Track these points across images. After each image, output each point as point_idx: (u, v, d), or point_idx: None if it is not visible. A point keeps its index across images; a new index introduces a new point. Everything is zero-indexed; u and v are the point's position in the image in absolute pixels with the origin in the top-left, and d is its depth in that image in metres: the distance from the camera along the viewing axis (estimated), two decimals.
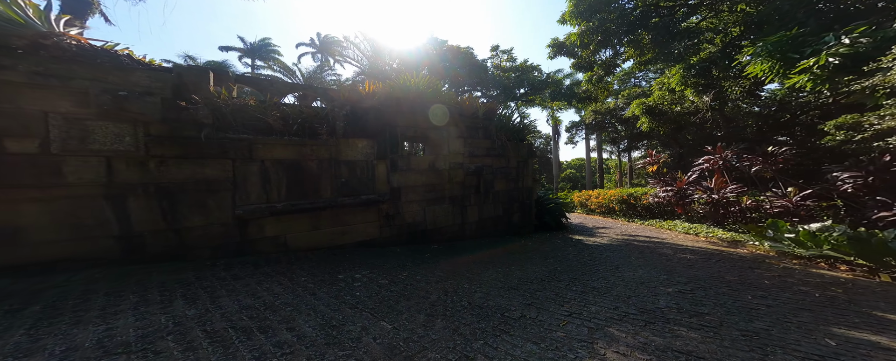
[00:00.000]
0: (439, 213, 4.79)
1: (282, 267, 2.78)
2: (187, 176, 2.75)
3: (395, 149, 4.19)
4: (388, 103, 4.12)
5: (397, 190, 4.21)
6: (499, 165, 5.82)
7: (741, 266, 3.40)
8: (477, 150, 5.41)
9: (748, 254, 4.15)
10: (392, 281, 2.55)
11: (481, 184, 5.40)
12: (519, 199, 6.35)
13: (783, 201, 6.18)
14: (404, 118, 4.41)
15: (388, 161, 4.04)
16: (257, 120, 2.96)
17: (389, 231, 4.10)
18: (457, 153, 5.06)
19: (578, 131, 21.54)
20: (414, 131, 4.52)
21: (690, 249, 4.49)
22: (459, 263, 3.38)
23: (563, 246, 4.71)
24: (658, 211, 8.65)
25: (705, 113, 8.43)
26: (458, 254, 3.87)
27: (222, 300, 1.98)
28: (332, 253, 3.39)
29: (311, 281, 2.46)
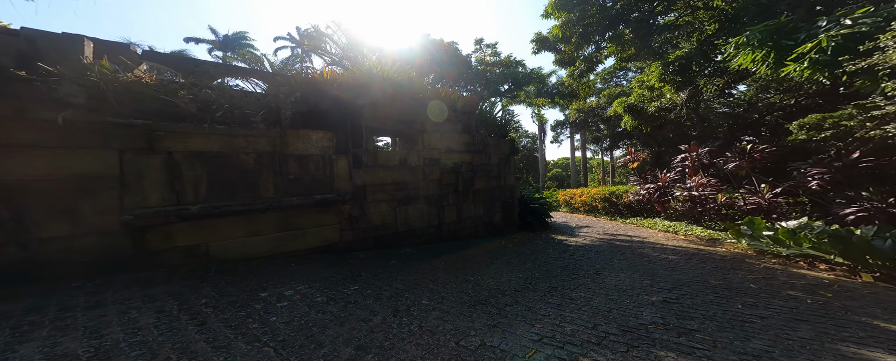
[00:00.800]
0: (413, 214, 4.40)
1: (188, 284, 2.28)
2: (41, 172, 2.12)
3: (360, 144, 3.76)
4: (351, 92, 3.66)
5: (362, 188, 3.79)
6: (479, 162, 5.50)
7: (723, 266, 3.27)
8: (455, 146, 5.05)
9: (727, 253, 4.07)
10: (331, 299, 2.14)
11: (460, 182, 5.07)
12: (501, 198, 6.07)
13: (756, 198, 6.28)
14: (372, 110, 3.97)
15: (350, 156, 3.60)
16: (163, 102, 2.40)
17: (353, 234, 3.68)
18: (433, 149, 4.68)
19: (563, 130, 21.78)
20: (382, 124, 4.09)
21: (671, 249, 4.37)
22: (427, 270, 3.02)
23: (545, 248, 4.46)
24: (639, 209, 8.69)
25: (681, 110, 8.56)
26: (430, 259, 3.52)
27: (27, 347, 1.40)
28: (276, 262, 2.92)
29: (214, 303, 1.96)
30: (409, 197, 4.35)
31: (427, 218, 4.59)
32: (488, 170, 5.64)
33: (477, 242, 4.87)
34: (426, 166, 4.54)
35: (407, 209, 4.31)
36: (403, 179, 4.26)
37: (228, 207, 2.65)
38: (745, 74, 9.33)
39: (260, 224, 2.91)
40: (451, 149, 4.95)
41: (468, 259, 3.63)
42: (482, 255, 3.84)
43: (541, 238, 5.60)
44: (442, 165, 4.77)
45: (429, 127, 4.65)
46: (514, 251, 4.20)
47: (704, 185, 6.64)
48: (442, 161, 4.78)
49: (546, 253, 4.05)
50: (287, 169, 3.04)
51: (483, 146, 5.54)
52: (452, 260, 3.51)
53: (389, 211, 4.09)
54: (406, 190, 4.30)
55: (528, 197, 7.86)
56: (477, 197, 5.43)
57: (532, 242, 5.07)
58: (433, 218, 4.67)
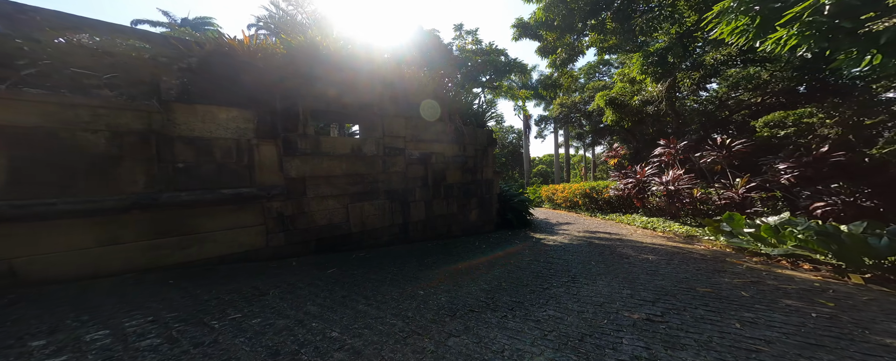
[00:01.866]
0: (371, 212, 3.82)
1: None
2: None
3: (295, 127, 3.09)
4: (282, 64, 2.99)
5: (298, 181, 3.14)
6: (452, 153, 4.98)
7: (706, 268, 3.01)
8: (424, 134, 4.49)
9: (707, 252, 3.87)
10: (173, 343, 1.46)
11: (430, 176, 4.53)
12: (477, 194, 5.63)
13: (730, 193, 6.27)
14: (315, 88, 3.31)
15: (280, 141, 2.93)
16: None
17: (286, 237, 3.04)
18: (396, 136, 4.09)
19: (547, 125, 21.80)
20: (329, 106, 3.44)
21: (650, 247, 4.13)
22: (369, 282, 2.50)
23: (521, 249, 4.07)
24: (618, 205, 8.62)
25: (660, 103, 8.52)
26: (381, 266, 3.00)
27: None
28: (145, 280, 2.24)
29: None
30: (366, 192, 3.76)
31: (389, 217, 4.02)
32: (463, 162, 5.14)
33: (447, 243, 4.40)
34: (387, 156, 3.95)
35: (363, 206, 3.72)
36: (358, 171, 3.65)
37: (51, 207, 1.89)
38: (719, 70, 9.46)
39: (121, 228, 2.18)
40: (418, 138, 4.39)
41: (429, 264, 3.14)
42: (447, 260, 3.37)
43: (519, 237, 5.23)
44: (408, 156, 4.20)
45: (390, 111, 4.05)
46: (485, 253, 3.77)
47: (680, 179, 6.56)
48: (408, 151, 4.21)
49: (520, 256, 3.66)
50: (174, 155, 2.33)
51: (457, 135, 5.03)
52: (409, 267, 3.01)
53: (339, 208, 3.48)
54: (362, 183, 3.70)
55: (508, 194, 7.50)
56: (450, 192, 4.93)
57: (509, 242, 4.68)
58: (397, 216, 4.12)
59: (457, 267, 3.03)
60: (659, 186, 6.60)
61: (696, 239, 4.75)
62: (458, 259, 3.44)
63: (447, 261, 3.29)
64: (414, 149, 4.27)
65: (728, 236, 3.72)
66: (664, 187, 6.47)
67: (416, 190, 4.34)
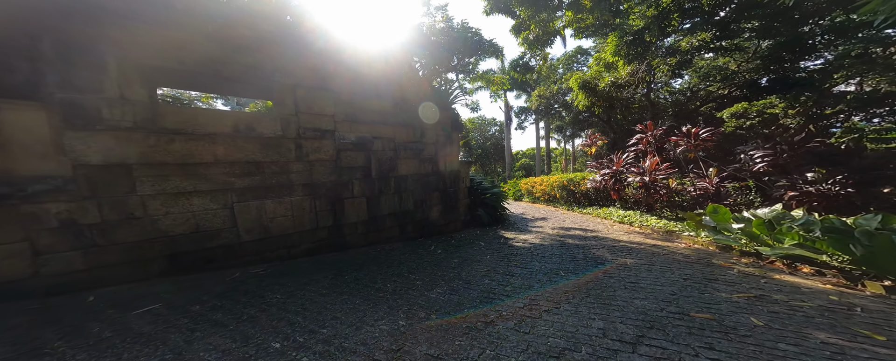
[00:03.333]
0: (278, 213, 2.90)
1: None
2: None
3: (95, 85, 2.04)
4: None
5: (110, 170, 2.12)
6: (406, 139, 4.14)
7: (693, 277, 2.47)
8: (364, 115, 3.60)
9: (689, 251, 3.40)
10: None
11: (374, 166, 3.68)
12: (440, 187, 4.85)
13: (704, 183, 6.01)
14: (152, 33, 2.23)
15: (55, 106, 1.92)
16: None
17: (86, 258, 2.04)
18: (319, 115, 3.18)
19: (528, 117, 21.45)
20: (181, 62, 2.39)
21: (628, 247, 3.61)
22: (191, 331, 1.63)
23: (482, 254, 3.38)
24: (596, 197, 8.28)
25: (635, 86, 8.19)
26: (255, 294, 2.14)
27: None
28: None
29: None
30: (269, 186, 2.84)
31: (310, 218, 3.13)
32: (419, 149, 4.32)
33: (392, 249, 3.62)
34: (305, 139, 3.03)
35: (262, 205, 2.79)
36: (251, 157, 2.71)
37: None
38: (693, 55, 9.33)
39: None
40: (354, 119, 3.50)
41: (343, 284, 2.33)
42: (375, 274, 2.59)
43: (486, 237, 4.57)
44: (339, 140, 3.32)
45: (309, 82, 3.12)
46: (434, 262, 3.03)
47: (656, 169, 6.22)
48: (340, 134, 3.33)
49: (477, 265, 2.96)
50: None
51: (409, 118, 4.19)
52: (308, 290, 2.20)
53: (216, 209, 2.53)
54: (259, 174, 2.77)
55: (481, 187, 6.82)
56: (403, 185, 4.12)
57: (472, 244, 3.99)
58: (324, 216, 3.25)
59: (380, 289, 2.26)
60: (635, 177, 6.22)
61: (675, 235, 4.34)
62: (393, 272, 2.67)
63: (374, 277, 2.51)
64: (348, 131, 3.38)
65: (711, 232, 3.28)
66: (640, 178, 6.09)
67: (353, 184, 3.48)
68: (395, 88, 4.05)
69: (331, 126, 3.21)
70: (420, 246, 3.79)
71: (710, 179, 5.97)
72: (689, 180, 6.43)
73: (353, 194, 3.46)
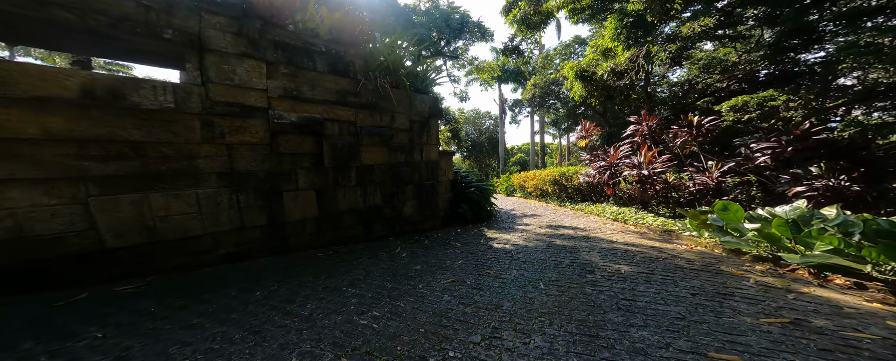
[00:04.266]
0: (175, 210, 2.29)
1: None
2: None
3: None
4: None
5: None
6: (369, 124, 3.55)
7: (702, 291, 2.00)
8: (311, 91, 2.99)
9: (692, 255, 2.94)
10: None
11: (329, 153, 3.09)
12: (414, 180, 4.29)
13: (704, 177, 5.58)
14: None
15: None
16: None
17: None
18: (242, 87, 2.53)
19: (522, 109, 20.85)
20: None
21: (622, 250, 3.14)
22: None
23: (451, 258, 2.87)
24: (589, 193, 7.85)
25: (633, 72, 7.68)
26: (55, 332, 1.57)
27: None
28: None
29: None
30: (157, 174, 2.22)
31: (228, 216, 2.51)
32: (387, 136, 3.73)
33: (351, 252, 3.06)
34: (220, 117, 2.41)
35: (145, 200, 2.16)
36: (118, 135, 2.07)
37: None
38: (696, 41, 8.86)
39: None
40: (298, 96, 2.88)
41: (248, 303, 1.80)
42: (302, 287, 2.05)
43: (466, 236, 4.07)
44: (274, 120, 2.69)
45: (230, 43, 2.47)
46: (391, 270, 2.50)
47: (654, 161, 5.77)
48: (276, 112, 2.72)
49: (443, 273, 2.46)
50: None
51: (376, 99, 3.61)
52: (162, 320, 1.63)
53: (55, 205, 1.92)
54: (136, 159, 2.14)
55: (465, 181, 6.29)
56: (367, 177, 3.56)
57: (447, 246, 3.48)
58: (252, 214, 2.64)
59: (291, 312, 1.71)
60: (631, 170, 5.75)
61: (674, 235, 3.89)
62: (328, 284, 2.13)
63: (295, 293, 1.97)
64: (290, 110, 2.78)
65: (718, 232, 2.82)
66: (637, 172, 5.63)
67: (297, 174, 2.90)
68: (358, 65, 3.44)
69: (261, 102, 2.59)
70: (385, 248, 3.26)
71: (711, 173, 5.54)
72: (688, 174, 6.01)
73: (298, 186, 2.88)
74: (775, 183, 5.36)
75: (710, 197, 5.46)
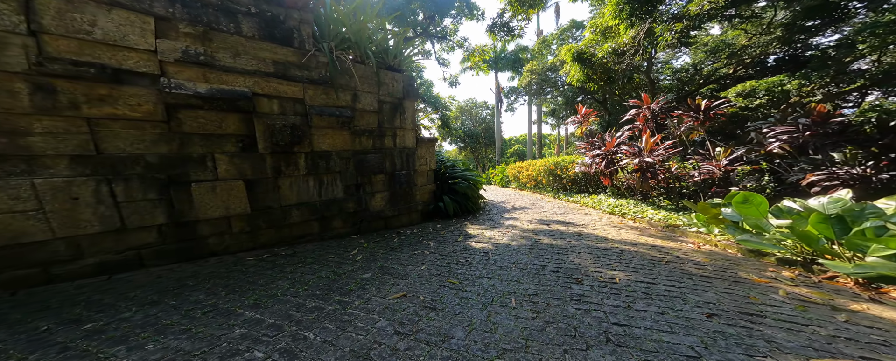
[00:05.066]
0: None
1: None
2: None
3: None
4: None
5: None
6: (324, 103, 2.99)
7: (720, 308, 1.52)
8: (237, 61, 2.41)
9: (702, 255, 2.48)
10: None
11: (262, 134, 2.53)
12: (385, 169, 3.76)
13: (710, 165, 5.09)
14: None
15: None
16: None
17: None
18: (121, 46, 1.96)
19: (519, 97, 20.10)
20: None
21: (618, 251, 2.68)
22: None
23: (415, 262, 2.40)
24: (585, 183, 7.38)
25: (637, 53, 7.06)
26: None
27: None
28: None
29: None
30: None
31: (97, 215, 1.98)
32: (346, 118, 3.14)
33: (292, 254, 2.55)
34: (65, 80, 1.83)
35: None
36: None
37: None
38: (704, 19, 8.20)
39: None
40: (212, 62, 2.29)
41: (54, 344, 1.29)
42: (177, 309, 1.55)
43: (444, 233, 3.60)
44: (173, 89, 2.12)
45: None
46: (326, 281, 2.01)
47: (656, 148, 5.26)
48: (174, 81, 2.13)
49: (395, 284, 1.99)
50: None
51: (332, 74, 3.01)
52: None
53: None
54: None
55: (450, 171, 5.77)
56: (321, 165, 3.03)
57: (416, 246, 3.00)
58: (142, 211, 2.11)
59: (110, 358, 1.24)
60: (631, 158, 5.24)
61: (678, 230, 3.43)
62: (220, 305, 1.64)
63: (149, 324, 1.47)
64: (200, 80, 2.23)
65: (734, 230, 2.36)
66: (637, 160, 5.12)
67: (215, 160, 2.35)
68: (307, 32, 2.86)
69: (148, 67, 2.02)
70: (340, 249, 2.78)
71: (718, 161, 5.04)
72: (693, 163, 5.52)
73: (218, 175, 2.34)
74: (789, 172, 4.88)
75: (716, 187, 4.98)
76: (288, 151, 2.68)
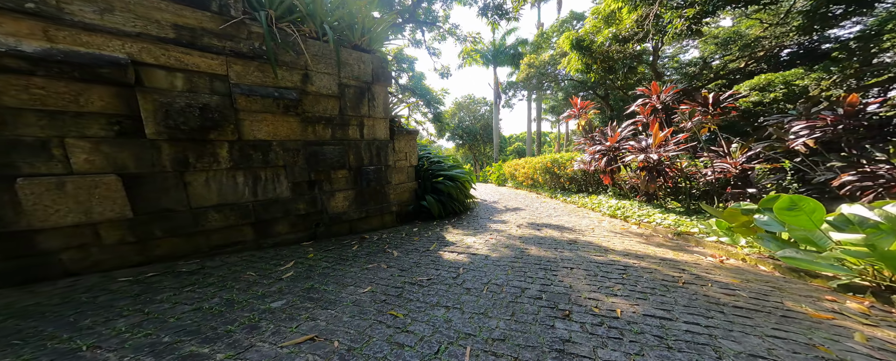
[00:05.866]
0: None
1: None
2: None
3: None
4: None
5: None
6: (258, 82, 2.43)
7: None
8: (115, 19, 1.84)
9: (726, 274, 1.94)
10: None
11: (153, 117, 1.97)
12: (348, 164, 3.21)
13: (725, 163, 4.52)
14: None
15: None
16: None
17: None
18: None
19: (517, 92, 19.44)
20: None
21: (621, 266, 2.14)
22: None
23: (359, 282, 1.85)
24: (584, 182, 6.83)
25: (643, 40, 6.46)
26: None
27: None
28: None
29: None
30: None
31: None
32: (289, 101, 2.58)
33: (198, 268, 2.01)
34: None
35: None
36: None
37: None
38: (718, 7, 7.58)
39: None
40: (61, 17, 1.70)
41: None
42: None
43: (419, 239, 3.07)
44: None
45: None
46: (209, 315, 1.46)
47: (665, 143, 4.68)
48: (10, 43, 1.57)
49: (305, 319, 1.44)
50: None
51: (267, 48, 2.40)
52: None
53: None
54: None
55: (435, 168, 5.22)
56: (254, 157, 2.48)
57: (375, 257, 2.47)
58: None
59: None
60: (636, 154, 4.68)
61: (692, 238, 2.89)
62: None
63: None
64: (33, 37, 1.64)
65: (771, 242, 1.83)
66: (643, 156, 4.55)
67: (65, 147, 1.78)
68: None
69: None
70: (271, 262, 2.23)
71: (734, 159, 4.46)
72: (703, 160, 4.95)
73: (71, 169, 1.78)
74: (815, 171, 4.31)
75: (730, 187, 4.42)
76: (199, 139, 2.13)
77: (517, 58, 18.04)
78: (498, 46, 20.39)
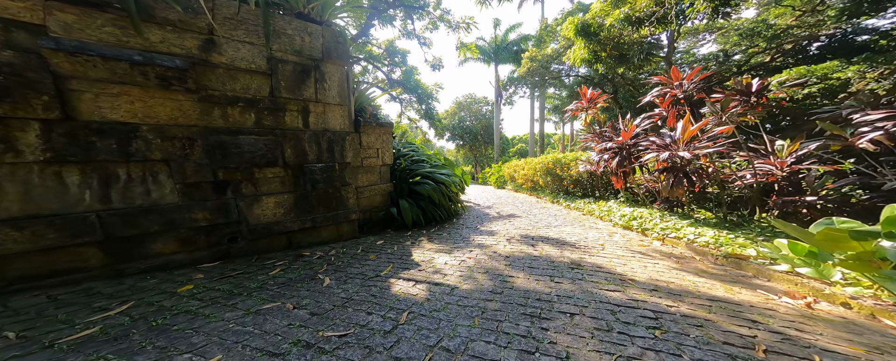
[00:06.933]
0: None
1: None
2: None
3: None
4: None
5: None
6: (107, 40, 1.69)
7: None
8: None
9: (840, 337, 1.13)
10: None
11: None
12: (284, 161, 2.49)
13: (768, 164, 3.64)
14: None
15: None
16: None
17: None
18: None
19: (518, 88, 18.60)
20: None
21: (651, 311, 1.33)
22: None
23: (203, 354, 1.15)
24: (590, 186, 5.99)
25: (661, 22, 5.61)
26: None
27: None
28: None
29: None
30: None
31: None
32: (172, 70, 1.87)
33: None
34: None
35: None
36: None
37: None
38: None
39: None
40: None
41: None
42: None
43: (371, 259, 2.32)
44: None
45: None
46: None
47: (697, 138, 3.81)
48: None
49: None
50: None
51: None
52: None
53: None
54: None
55: (412, 166, 4.46)
56: (103, 148, 1.76)
57: (295, 287, 1.72)
58: None
59: None
60: (658, 152, 3.82)
61: (746, 265, 2.07)
62: None
63: None
64: None
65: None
66: (668, 154, 3.69)
67: None
68: None
69: None
70: (93, 303, 1.50)
71: (780, 159, 3.58)
72: (740, 161, 4.06)
73: None
74: (884, 175, 3.41)
75: (775, 194, 3.55)
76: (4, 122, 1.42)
77: (519, 55, 17.30)
78: (499, 43, 19.66)
